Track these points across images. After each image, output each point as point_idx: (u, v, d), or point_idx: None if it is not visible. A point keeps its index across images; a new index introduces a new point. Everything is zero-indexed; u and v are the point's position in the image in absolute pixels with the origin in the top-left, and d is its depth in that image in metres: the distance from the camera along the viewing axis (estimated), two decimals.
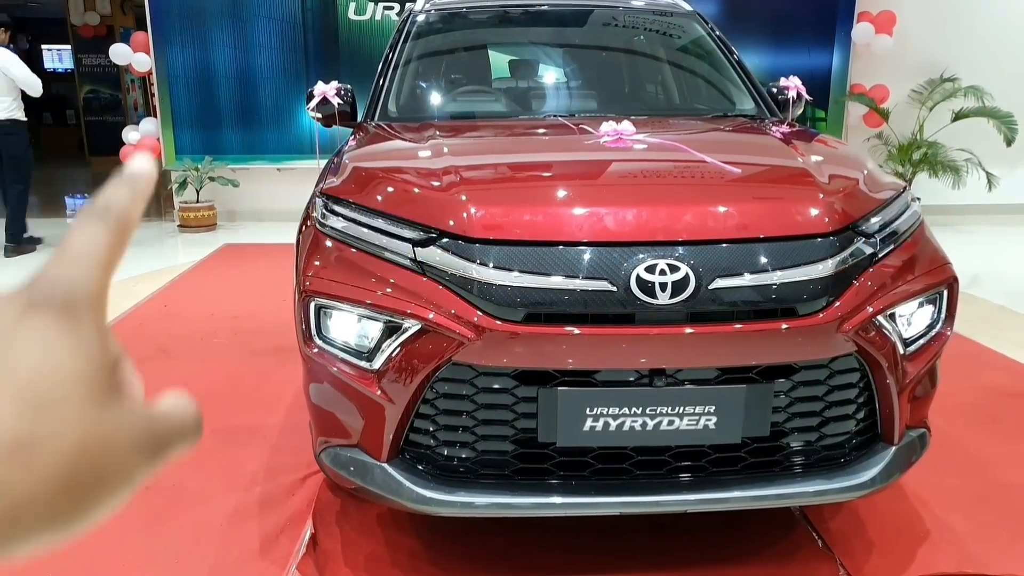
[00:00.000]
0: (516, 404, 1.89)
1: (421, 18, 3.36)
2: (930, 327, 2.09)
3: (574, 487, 1.93)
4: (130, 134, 7.51)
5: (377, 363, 1.89)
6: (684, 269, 1.80)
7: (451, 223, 1.88)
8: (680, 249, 1.82)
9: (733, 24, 7.48)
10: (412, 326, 1.84)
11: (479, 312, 1.81)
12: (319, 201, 2.11)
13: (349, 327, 1.95)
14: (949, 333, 2.13)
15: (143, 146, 7.34)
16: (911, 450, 2.10)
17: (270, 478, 2.69)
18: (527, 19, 3.40)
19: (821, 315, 1.86)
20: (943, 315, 2.11)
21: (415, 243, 1.90)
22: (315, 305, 1.97)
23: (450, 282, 1.84)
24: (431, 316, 1.82)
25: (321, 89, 3.13)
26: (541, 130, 2.73)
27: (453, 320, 1.81)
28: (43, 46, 17.29)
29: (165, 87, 7.31)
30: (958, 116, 7.28)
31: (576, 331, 1.80)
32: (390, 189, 2.05)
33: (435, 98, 3.18)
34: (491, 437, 1.92)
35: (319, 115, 3.14)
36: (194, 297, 5.19)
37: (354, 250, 1.97)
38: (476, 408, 1.90)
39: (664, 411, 1.86)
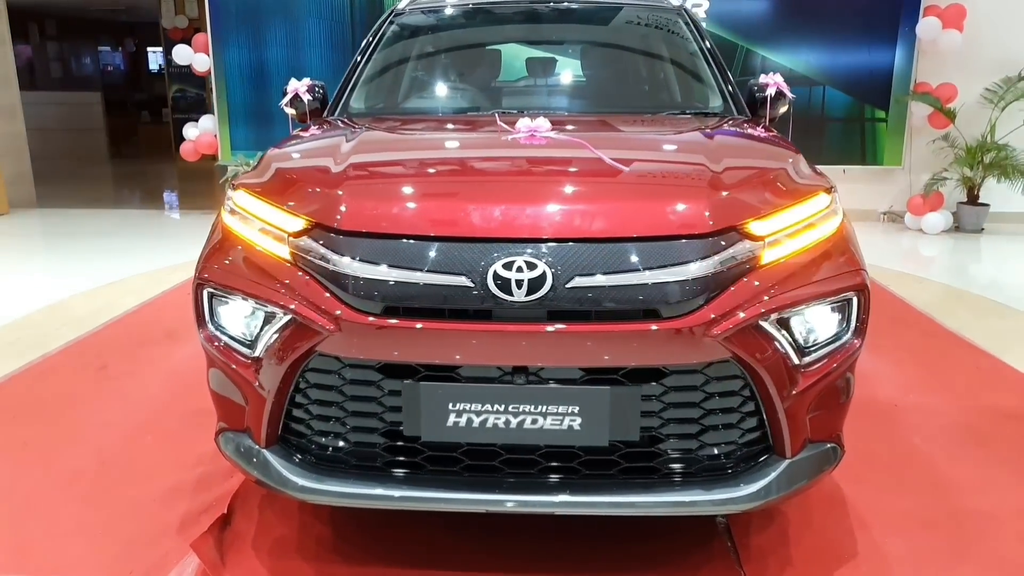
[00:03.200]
0: (383, 397, 1.91)
1: (397, 17, 3.42)
2: (835, 337, 1.98)
3: (443, 482, 1.93)
4: (190, 130, 7.91)
5: (257, 351, 1.95)
6: (541, 267, 1.77)
7: (323, 216, 1.92)
8: (539, 247, 1.80)
9: (787, 20, 7.23)
10: (283, 316, 1.89)
11: (342, 304, 1.84)
12: (228, 193, 2.19)
13: (235, 315, 2.01)
14: (857, 344, 2.01)
15: (201, 142, 7.72)
16: (811, 465, 2.00)
17: (215, 460, 2.79)
18: (502, 19, 3.40)
19: (687, 318, 1.79)
20: (851, 325, 2.00)
21: (292, 234, 1.94)
22: (207, 293, 2.04)
23: (318, 274, 1.87)
24: (298, 307, 1.86)
25: (294, 86, 3.22)
26: (469, 127, 2.74)
27: (318, 312, 1.84)
28: (148, 48, 18.45)
29: (222, 85, 7.67)
30: None
31: (435, 326, 1.80)
32: (285, 183, 2.10)
33: (394, 94, 3.22)
34: (361, 429, 1.95)
35: (293, 111, 3.23)
36: None
37: (246, 241, 2.03)
38: (345, 399, 1.93)
39: (527, 409, 1.84)
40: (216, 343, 2.04)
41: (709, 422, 1.91)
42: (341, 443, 1.98)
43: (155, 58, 17.73)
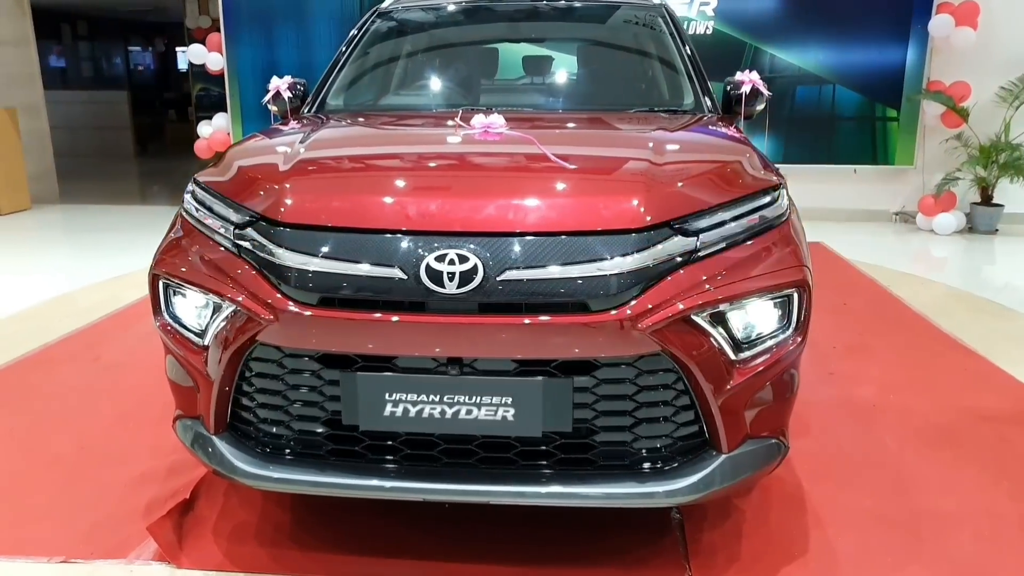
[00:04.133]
0: (323, 387, 1.95)
1: (379, 16, 3.47)
2: (774, 334, 1.99)
3: (382, 471, 1.97)
4: (204, 128, 8.06)
5: (206, 340, 2.01)
6: (473, 260, 1.81)
7: (266, 209, 1.97)
8: (472, 240, 1.83)
9: (797, 18, 7.17)
10: (227, 306, 1.95)
11: (279, 295, 1.88)
12: (188, 187, 2.25)
13: (186, 305, 2.07)
14: (799, 341, 2.01)
15: (215, 140, 7.86)
16: (750, 460, 2.00)
17: None
18: (480, 18, 3.44)
19: (616, 312, 1.81)
20: (792, 322, 2.00)
21: (237, 226, 2.00)
22: (161, 284, 2.10)
23: (260, 265, 1.93)
24: (241, 297, 1.91)
25: (276, 83, 3.29)
26: (429, 123, 2.79)
27: (258, 302, 1.89)
28: (177, 48, 18.78)
29: (235, 84, 7.81)
30: None
31: (370, 318, 1.84)
32: (237, 177, 2.15)
33: (371, 92, 3.27)
34: (304, 418, 2.00)
35: (275, 108, 3.30)
36: None
37: (199, 233, 2.09)
38: (288, 388, 1.98)
39: (462, 400, 1.88)
40: (170, 332, 2.10)
41: (643, 415, 1.93)
42: (285, 431, 2.03)
43: (183, 58, 18.05)
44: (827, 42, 7.21)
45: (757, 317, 1.96)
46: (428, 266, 1.81)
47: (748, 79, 3.15)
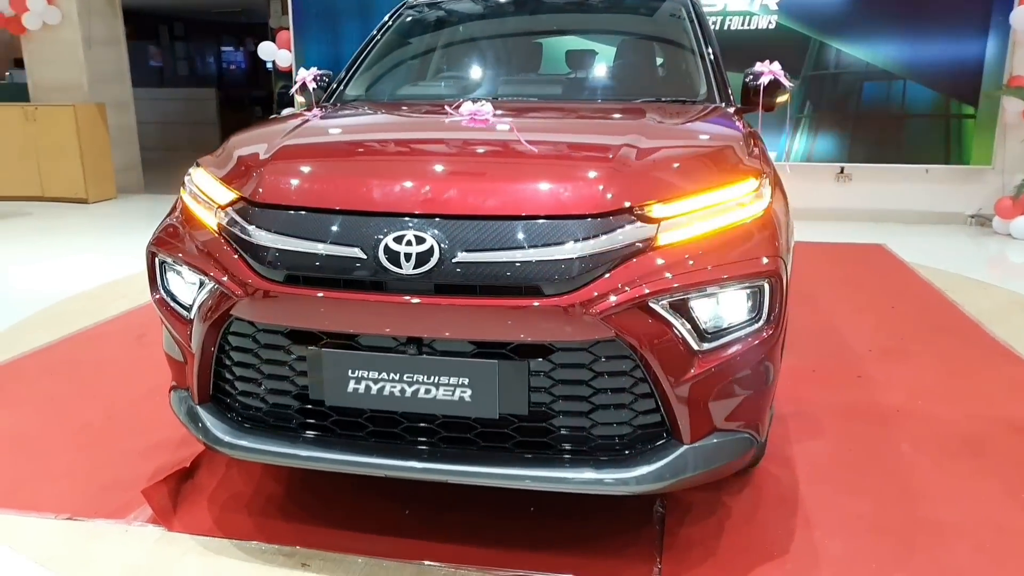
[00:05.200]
0: (293, 362, 2.03)
1: (407, 9, 3.55)
2: (742, 325, 1.95)
3: (347, 446, 2.03)
4: None
5: (191, 314, 2.12)
6: (430, 241, 1.84)
7: (245, 190, 2.06)
8: (429, 222, 1.87)
9: (865, 11, 6.90)
10: (208, 282, 2.04)
11: (252, 272, 1.97)
12: (191, 169, 2.37)
13: (177, 281, 2.19)
14: (769, 334, 1.96)
15: None
16: (715, 453, 1.97)
17: None
18: (504, 12, 3.47)
19: (569, 296, 1.81)
20: (762, 314, 1.96)
21: (221, 207, 2.10)
22: (157, 260, 2.23)
23: (236, 243, 2.02)
24: (219, 274, 2.01)
25: (302, 75, 3.41)
26: (423, 112, 2.84)
27: (233, 278, 1.98)
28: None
29: None
30: None
31: (332, 295, 1.90)
32: (227, 161, 2.25)
33: (388, 83, 3.34)
34: (276, 391, 2.08)
35: (302, 99, 3.42)
36: None
37: (192, 213, 2.21)
38: (261, 362, 2.07)
39: (421, 379, 1.92)
40: (164, 306, 2.22)
41: (600, 401, 1.93)
42: (261, 404, 2.11)
43: None
44: (898, 36, 6.90)
45: (723, 307, 1.93)
46: (386, 246, 1.86)
47: (768, 70, 3.07)
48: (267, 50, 8.19)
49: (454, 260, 1.84)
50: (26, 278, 5.62)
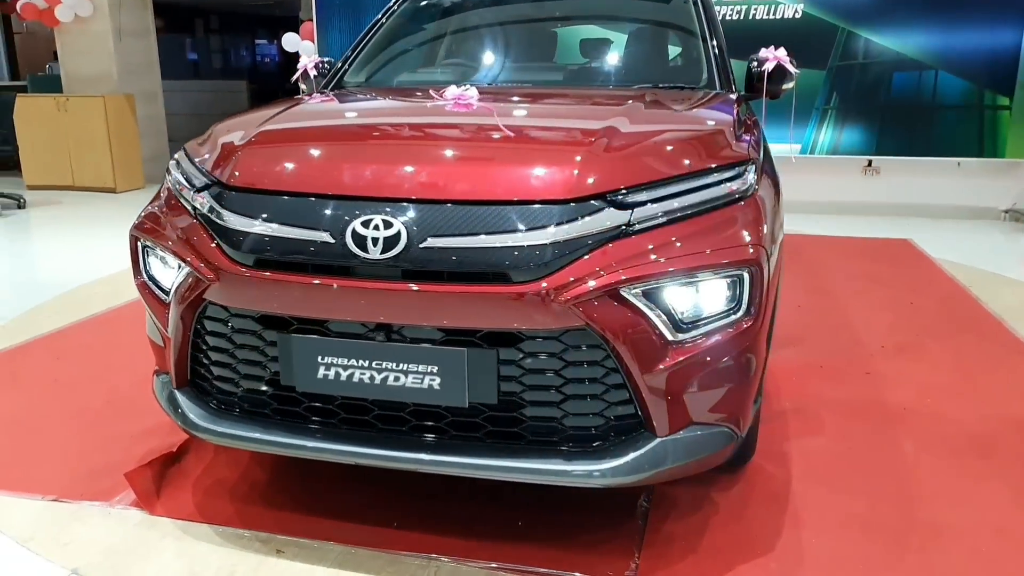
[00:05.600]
0: (265, 347, 2.02)
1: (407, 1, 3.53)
2: (720, 315, 1.88)
3: (319, 432, 2.02)
4: None
5: (169, 297, 2.12)
6: (397, 226, 1.82)
7: (220, 173, 2.05)
8: (397, 206, 1.84)
9: None
10: (184, 266, 2.04)
11: (224, 256, 1.96)
12: (176, 154, 2.37)
13: (157, 264, 2.19)
14: (748, 325, 1.90)
15: None
16: (691, 447, 1.91)
17: None
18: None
19: (537, 283, 1.77)
20: (741, 304, 1.89)
21: (197, 190, 2.09)
22: (140, 244, 2.23)
23: (210, 227, 2.01)
24: (194, 258, 2.00)
25: (304, 62, 3.41)
26: (409, 97, 2.81)
27: (207, 262, 1.98)
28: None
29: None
30: None
31: (301, 280, 1.88)
32: (209, 145, 2.24)
33: (387, 69, 3.32)
34: (250, 376, 2.07)
35: (304, 87, 3.42)
36: None
37: (173, 196, 2.21)
38: (235, 347, 2.06)
39: (390, 366, 1.89)
40: (145, 290, 2.23)
41: (571, 391, 1.88)
42: (235, 388, 2.11)
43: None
44: (930, 24, 6.70)
45: (700, 297, 1.87)
46: (354, 231, 1.84)
47: (772, 56, 2.99)
48: (291, 41, 8.24)
49: (422, 245, 1.81)
50: (48, 265, 5.73)
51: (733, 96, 2.77)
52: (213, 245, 1.98)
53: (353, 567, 2.09)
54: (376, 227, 1.82)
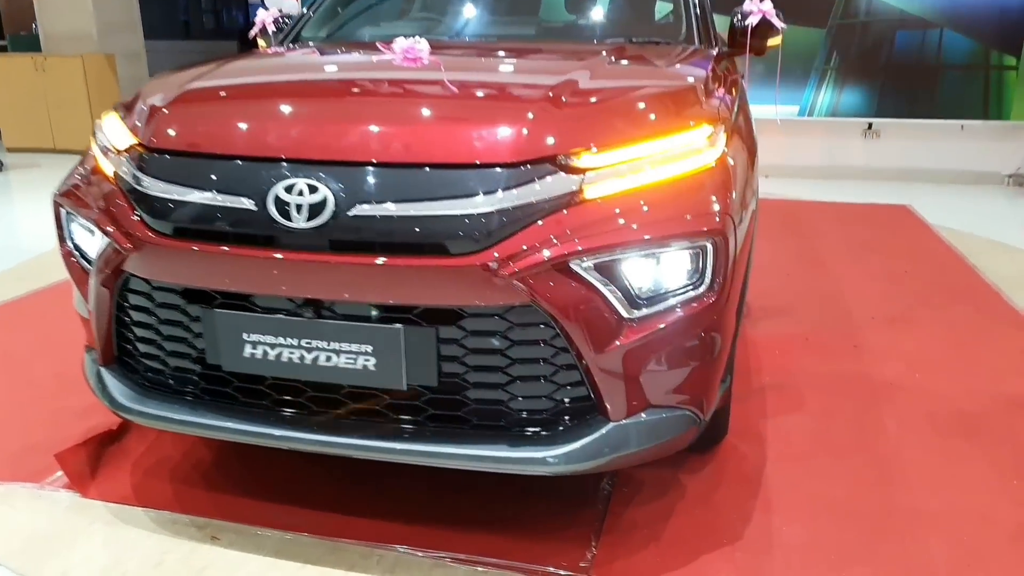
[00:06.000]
0: (190, 323, 1.86)
1: None
2: (679, 290, 1.72)
3: (253, 415, 1.87)
4: None
5: (91, 269, 1.96)
6: (323, 191, 1.65)
7: (142, 134, 1.88)
8: (323, 169, 1.67)
9: None
10: (104, 236, 1.88)
11: (142, 224, 1.80)
12: (103, 114, 2.20)
13: (80, 233, 2.03)
14: (711, 300, 1.74)
15: None
16: (648, 432, 1.77)
17: None
18: None
19: (477, 256, 1.61)
20: (704, 278, 1.73)
21: (117, 152, 1.92)
22: (63, 212, 2.07)
23: (129, 192, 1.84)
24: (112, 226, 1.84)
25: (261, 17, 3.20)
26: (361, 52, 2.62)
27: (124, 231, 1.82)
28: None
29: None
30: None
31: (222, 251, 1.73)
32: (136, 104, 2.06)
33: (346, 23, 3.11)
34: (177, 354, 1.92)
35: (262, 42, 3.22)
36: None
37: (97, 161, 2.04)
38: (160, 322, 1.91)
39: (320, 345, 1.74)
40: (69, 259, 2.07)
41: (517, 373, 1.73)
42: (162, 367, 1.96)
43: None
44: None
45: (657, 270, 1.70)
46: (277, 197, 1.67)
47: (757, 8, 2.78)
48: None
49: (350, 213, 1.64)
50: (16, 230, 5.57)
51: (713, 52, 2.58)
52: (132, 213, 1.82)
53: (290, 555, 1.97)
54: (300, 192, 1.65)
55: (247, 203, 1.69)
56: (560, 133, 1.69)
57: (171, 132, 1.85)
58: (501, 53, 2.51)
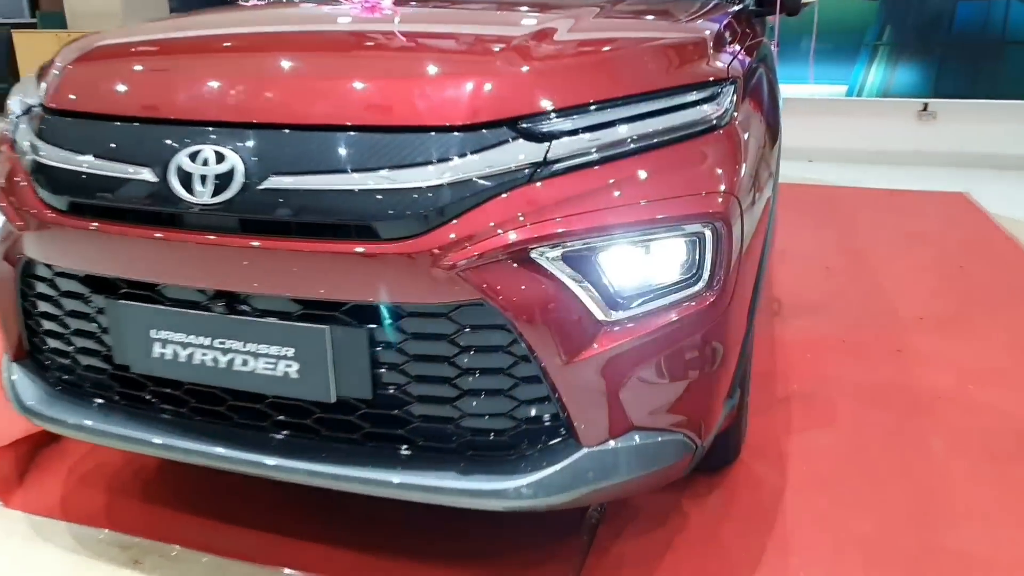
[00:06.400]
0: (97, 315, 1.59)
1: None
2: (673, 287, 1.39)
3: (171, 426, 1.60)
4: None
5: None
6: (231, 159, 1.36)
7: (42, 94, 1.62)
8: (232, 133, 1.38)
9: None
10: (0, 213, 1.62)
11: (36, 198, 1.54)
12: (24, 77, 1.94)
13: None
14: (711, 299, 1.41)
15: None
16: (630, 460, 1.44)
17: None
18: None
19: (414, 241, 1.31)
20: (702, 274, 1.40)
21: (18, 116, 1.66)
22: None
23: (25, 161, 1.58)
24: (7, 202, 1.59)
25: None
26: (317, 3, 2.33)
27: (18, 206, 1.56)
28: None
29: None
30: None
31: (118, 230, 1.45)
32: (50, 64, 1.78)
33: None
34: (86, 351, 1.66)
35: None
36: None
37: (3, 129, 1.78)
38: (65, 315, 1.64)
39: (235, 347, 1.46)
40: None
41: (469, 385, 1.42)
42: (72, 365, 1.70)
43: None
44: None
45: (642, 263, 1.38)
46: (179, 167, 1.38)
47: None
48: None
49: (262, 186, 1.35)
50: None
51: (736, 8, 2.22)
52: (28, 185, 1.55)
53: None
54: (205, 162, 1.36)
55: (146, 174, 1.41)
56: (521, 89, 1.37)
57: (71, 92, 1.58)
58: (490, 3, 2.17)
